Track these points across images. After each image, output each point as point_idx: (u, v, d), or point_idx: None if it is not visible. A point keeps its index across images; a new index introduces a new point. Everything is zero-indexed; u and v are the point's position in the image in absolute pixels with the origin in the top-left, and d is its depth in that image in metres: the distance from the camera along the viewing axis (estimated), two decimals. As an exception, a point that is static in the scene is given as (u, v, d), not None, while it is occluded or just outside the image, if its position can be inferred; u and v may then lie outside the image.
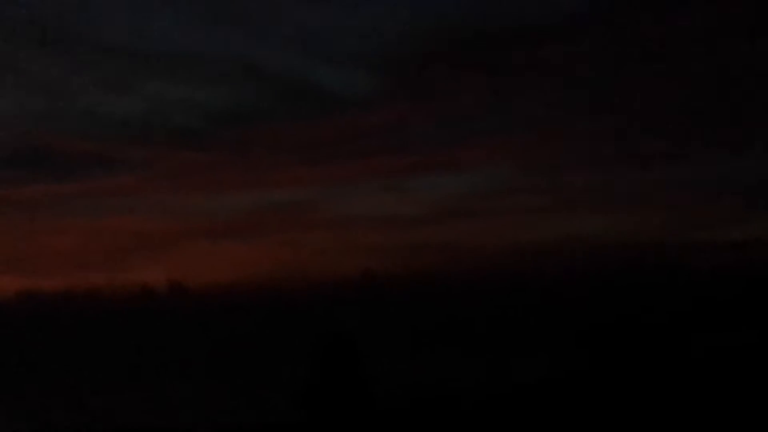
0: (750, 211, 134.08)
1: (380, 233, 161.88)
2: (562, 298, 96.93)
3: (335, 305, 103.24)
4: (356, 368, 34.48)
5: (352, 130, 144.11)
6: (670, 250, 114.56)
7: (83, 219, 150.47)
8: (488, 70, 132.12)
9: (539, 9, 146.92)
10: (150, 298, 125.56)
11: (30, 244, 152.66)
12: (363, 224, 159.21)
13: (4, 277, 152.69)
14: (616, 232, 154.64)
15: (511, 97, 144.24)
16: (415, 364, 75.70)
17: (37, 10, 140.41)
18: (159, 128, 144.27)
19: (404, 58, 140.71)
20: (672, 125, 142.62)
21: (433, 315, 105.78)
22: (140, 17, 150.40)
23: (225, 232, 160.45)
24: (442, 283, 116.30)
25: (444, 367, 73.18)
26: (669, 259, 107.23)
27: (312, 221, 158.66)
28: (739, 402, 33.78)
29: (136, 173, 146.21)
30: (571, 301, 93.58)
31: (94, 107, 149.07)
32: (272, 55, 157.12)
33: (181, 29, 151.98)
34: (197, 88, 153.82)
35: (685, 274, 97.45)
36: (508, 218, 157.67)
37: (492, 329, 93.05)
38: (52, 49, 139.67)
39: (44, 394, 76.05)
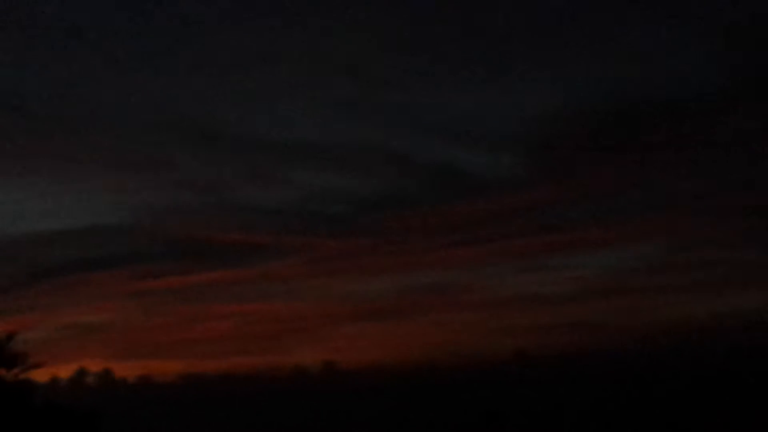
0: None
1: (530, 313, 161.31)
2: (717, 377, 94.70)
3: (487, 385, 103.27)
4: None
5: (498, 211, 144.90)
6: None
7: (240, 304, 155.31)
8: (632, 147, 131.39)
9: (681, 84, 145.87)
10: (305, 379, 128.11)
11: (191, 330, 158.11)
12: (512, 304, 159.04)
13: (168, 362, 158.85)
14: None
15: (657, 174, 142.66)
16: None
17: (191, 107, 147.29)
18: (310, 217, 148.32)
19: (547, 138, 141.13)
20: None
21: (586, 394, 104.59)
22: (289, 110, 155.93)
23: (376, 314, 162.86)
24: (594, 362, 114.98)
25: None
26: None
27: (461, 302, 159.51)
28: None
29: (290, 260, 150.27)
30: (727, 379, 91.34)
31: (247, 198, 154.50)
32: (417, 141, 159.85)
33: (329, 119, 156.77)
34: (345, 176, 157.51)
35: None
36: (658, 296, 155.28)
37: (645, 410, 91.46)
38: (206, 145, 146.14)
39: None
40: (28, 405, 20.45)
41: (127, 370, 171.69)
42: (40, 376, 21.29)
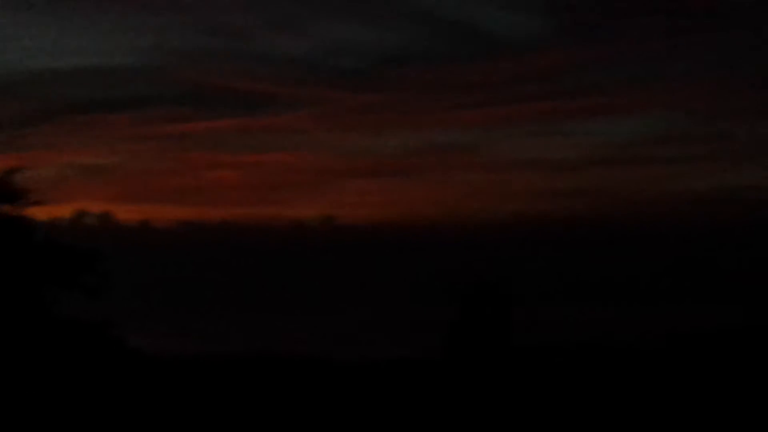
0: None
1: (536, 177, 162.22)
2: (719, 250, 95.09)
3: (487, 246, 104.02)
4: (502, 312, 35.07)
5: (514, 73, 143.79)
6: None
7: (246, 154, 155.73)
8: (663, 13, 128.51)
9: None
10: (303, 233, 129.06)
11: (193, 177, 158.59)
12: (520, 168, 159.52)
13: (167, 207, 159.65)
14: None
15: (685, 43, 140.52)
16: (561, 309, 75.75)
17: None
18: (325, 68, 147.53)
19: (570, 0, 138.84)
20: None
21: (584, 261, 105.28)
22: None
23: (381, 171, 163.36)
24: (595, 229, 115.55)
25: (590, 314, 73.06)
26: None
27: (470, 163, 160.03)
28: None
29: (301, 112, 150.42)
30: (727, 252, 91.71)
31: (265, 48, 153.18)
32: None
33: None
34: (363, 29, 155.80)
35: None
36: (665, 167, 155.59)
37: (642, 278, 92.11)
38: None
39: (197, 313, 79.34)
40: (28, 240, 20.28)
41: (128, 213, 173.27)
42: (41, 214, 21.08)
